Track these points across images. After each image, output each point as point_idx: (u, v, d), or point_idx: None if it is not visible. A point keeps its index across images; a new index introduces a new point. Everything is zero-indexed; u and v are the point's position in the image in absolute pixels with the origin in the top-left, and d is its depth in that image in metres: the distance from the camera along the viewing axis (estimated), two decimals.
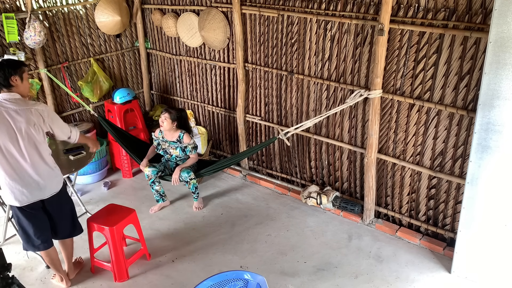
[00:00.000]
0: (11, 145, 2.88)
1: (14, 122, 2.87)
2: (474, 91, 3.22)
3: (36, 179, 3.00)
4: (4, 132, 2.85)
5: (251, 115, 4.83)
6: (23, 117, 2.88)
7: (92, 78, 5.20)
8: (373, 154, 3.85)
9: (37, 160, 2.99)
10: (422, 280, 3.42)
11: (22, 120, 2.88)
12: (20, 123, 2.88)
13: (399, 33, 3.46)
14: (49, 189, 3.09)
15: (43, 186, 3.05)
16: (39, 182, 3.02)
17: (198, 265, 3.66)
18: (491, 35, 2.75)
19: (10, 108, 2.87)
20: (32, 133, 2.92)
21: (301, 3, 3.98)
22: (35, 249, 3.28)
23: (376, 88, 3.62)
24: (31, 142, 2.93)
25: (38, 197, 3.06)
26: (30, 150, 2.94)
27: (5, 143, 2.87)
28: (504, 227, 3.10)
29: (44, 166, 3.03)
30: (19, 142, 2.89)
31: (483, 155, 3.02)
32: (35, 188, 3.01)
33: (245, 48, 4.57)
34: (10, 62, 2.95)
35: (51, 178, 3.09)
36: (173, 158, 4.45)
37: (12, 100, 2.90)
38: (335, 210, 4.29)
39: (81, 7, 5.09)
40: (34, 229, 3.13)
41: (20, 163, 2.94)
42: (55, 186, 3.13)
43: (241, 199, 4.65)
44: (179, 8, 5.04)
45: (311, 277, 3.48)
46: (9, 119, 2.86)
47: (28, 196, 3.00)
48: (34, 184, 3.01)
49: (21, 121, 2.88)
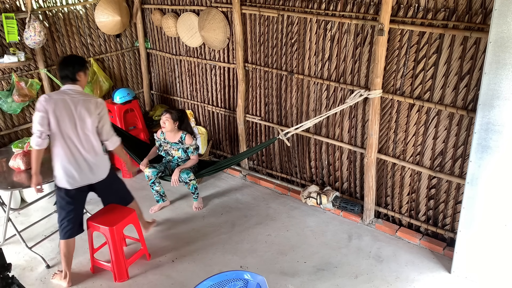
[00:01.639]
0: (71, 131, 3.15)
1: (76, 109, 3.14)
2: (474, 91, 3.22)
3: (89, 164, 3.26)
4: (65, 118, 3.12)
5: (251, 115, 4.83)
6: (84, 106, 3.16)
7: (92, 78, 5.20)
8: (373, 154, 3.85)
9: (91, 147, 3.24)
10: (422, 280, 3.42)
11: (82, 109, 3.15)
12: (81, 111, 3.15)
13: (399, 33, 3.46)
14: (98, 175, 3.34)
15: (94, 171, 3.30)
16: (91, 168, 3.27)
17: (198, 265, 3.66)
18: (491, 35, 2.75)
19: (74, 96, 3.17)
20: (89, 122, 3.19)
21: (301, 3, 3.98)
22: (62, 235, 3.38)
23: (376, 88, 3.62)
24: (87, 130, 3.20)
25: (87, 182, 3.31)
26: (86, 137, 3.21)
27: (66, 129, 3.13)
28: (504, 227, 3.10)
29: (96, 153, 3.28)
30: (78, 128, 3.16)
31: (483, 155, 3.02)
32: (86, 173, 3.26)
33: (245, 48, 4.57)
34: (78, 59, 3.29)
35: (100, 166, 3.35)
36: (174, 159, 4.45)
37: (75, 91, 3.21)
38: (335, 210, 4.29)
39: (81, 7, 5.09)
40: (70, 213, 3.33)
41: (78, 148, 3.19)
42: (103, 172, 3.39)
43: (241, 199, 4.65)
44: (179, 8, 5.04)
45: (311, 277, 3.48)
46: (71, 107, 3.14)
47: (79, 180, 3.25)
48: (87, 169, 3.26)
49: (82, 109, 3.15)
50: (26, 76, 4.69)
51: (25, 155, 3.69)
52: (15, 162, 3.67)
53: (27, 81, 4.62)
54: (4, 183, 3.55)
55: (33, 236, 4.05)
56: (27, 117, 4.81)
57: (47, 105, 3.07)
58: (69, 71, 3.18)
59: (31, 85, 4.63)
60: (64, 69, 3.20)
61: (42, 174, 3.63)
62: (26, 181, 3.56)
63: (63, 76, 3.21)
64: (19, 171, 3.67)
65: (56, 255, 3.81)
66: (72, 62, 3.22)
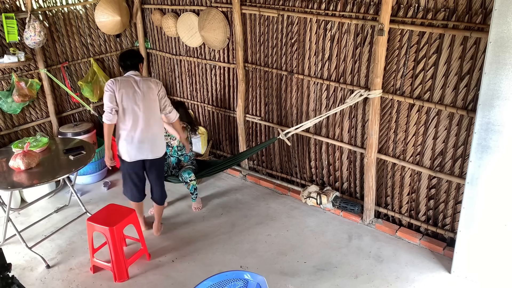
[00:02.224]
0: (136, 107, 3.55)
1: (139, 87, 3.57)
2: (474, 91, 3.22)
3: (150, 140, 3.63)
4: (131, 96, 3.54)
5: (251, 115, 4.83)
6: (145, 84, 3.61)
7: (92, 78, 5.20)
8: (373, 154, 3.85)
9: (153, 123, 3.63)
10: (422, 280, 3.42)
11: (145, 86, 3.59)
12: (143, 88, 3.58)
13: (399, 33, 3.46)
14: (155, 151, 3.71)
15: (153, 147, 3.67)
16: (152, 143, 3.66)
17: (198, 265, 3.66)
18: (491, 35, 2.75)
19: (136, 78, 3.62)
20: (151, 99, 3.61)
21: (301, 3, 3.98)
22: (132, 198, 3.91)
23: (376, 88, 3.62)
24: (150, 106, 3.61)
25: (146, 156, 3.68)
26: (149, 113, 3.60)
27: (132, 105, 3.54)
28: (504, 227, 3.10)
29: (157, 129, 3.68)
30: (142, 105, 3.56)
31: (483, 155, 3.02)
32: (147, 148, 3.64)
33: (245, 48, 4.57)
34: (139, 54, 3.87)
35: (159, 142, 3.73)
36: (174, 150, 4.43)
37: (136, 75, 3.68)
38: (335, 210, 4.29)
39: (81, 7, 5.09)
40: (135, 181, 3.80)
41: (142, 123, 3.57)
42: (161, 150, 3.77)
43: (241, 199, 4.65)
44: (179, 8, 5.04)
45: (311, 277, 3.48)
46: (135, 85, 3.57)
47: (137, 154, 3.64)
48: (147, 144, 3.63)
49: (144, 86, 3.59)
50: (26, 76, 4.69)
51: (25, 155, 3.69)
52: (15, 162, 3.66)
53: (27, 81, 4.62)
54: (4, 183, 3.54)
55: (33, 236, 4.05)
56: (27, 117, 4.81)
57: (113, 85, 3.51)
58: (134, 61, 3.68)
59: (31, 85, 4.63)
60: (129, 59, 3.67)
61: (42, 174, 3.65)
62: (26, 181, 3.57)
63: (128, 65, 3.67)
64: (19, 171, 3.67)
65: (56, 255, 3.81)
66: (135, 55, 3.75)
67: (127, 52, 3.80)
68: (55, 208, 4.48)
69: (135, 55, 3.76)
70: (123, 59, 3.71)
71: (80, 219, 4.25)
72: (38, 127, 4.94)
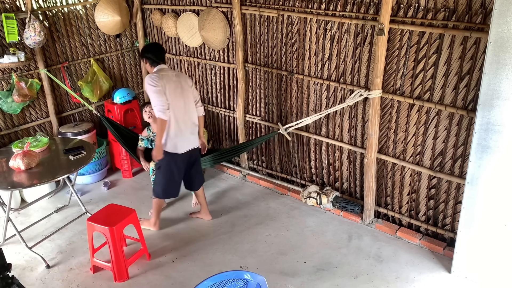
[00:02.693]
0: (181, 100, 3.64)
1: (179, 81, 3.66)
2: (474, 91, 3.22)
3: (191, 131, 3.77)
4: (175, 89, 3.60)
5: (251, 115, 4.83)
6: (182, 78, 3.72)
7: (92, 78, 5.20)
8: (373, 154, 3.85)
9: (192, 115, 3.77)
10: (422, 280, 3.42)
11: (183, 80, 3.70)
12: (182, 82, 3.67)
13: (399, 33, 3.46)
14: (195, 141, 3.85)
15: (196, 137, 3.84)
16: (195, 132, 3.82)
17: (198, 265, 3.66)
18: (491, 35, 2.75)
19: (173, 73, 3.69)
20: (189, 91, 3.73)
21: (301, 3, 3.98)
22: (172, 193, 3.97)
23: (376, 88, 3.62)
24: (190, 99, 3.73)
25: (193, 145, 3.82)
26: (190, 105, 3.74)
27: (178, 99, 3.61)
28: (504, 227, 3.10)
29: (196, 120, 3.82)
30: (184, 98, 3.66)
31: (483, 155, 3.02)
32: (193, 138, 3.80)
33: (245, 48, 4.57)
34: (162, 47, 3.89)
35: (197, 132, 3.87)
36: None
37: (168, 69, 3.71)
38: (335, 210, 4.29)
39: (81, 7, 5.09)
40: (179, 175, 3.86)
41: (186, 115, 3.69)
42: (197, 140, 3.89)
43: (241, 199, 4.65)
44: (179, 8, 5.04)
45: (311, 277, 3.48)
46: (175, 80, 3.63)
47: (184, 145, 3.73)
48: (191, 135, 3.78)
49: (183, 81, 3.69)
50: (26, 76, 4.69)
51: (25, 155, 3.69)
52: (15, 162, 3.66)
53: (27, 81, 4.62)
54: (4, 183, 3.54)
55: (33, 236, 4.05)
56: (27, 117, 4.81)
57: (159, 81, 3.51)
58: (163, 54, 3.74)
59: (31, 85, 4.63)
60: (162, 52, 3.73)
61: (42, 174, 3.65)
62: (26, 181, 3.56)
63: (162, 58, 3.70)
64: (19, 171, 3.67)
65: (56, 255, 3.81)
66: (163, 48, 3.79)
67: (157, 45, 3.83)
68: (55, 208, 4.48)
69: (162, 48, 3.79)
70: (154, 51, 3.69)
71: (80, 219, 4.25)
72: (38, 127, 4.95)
